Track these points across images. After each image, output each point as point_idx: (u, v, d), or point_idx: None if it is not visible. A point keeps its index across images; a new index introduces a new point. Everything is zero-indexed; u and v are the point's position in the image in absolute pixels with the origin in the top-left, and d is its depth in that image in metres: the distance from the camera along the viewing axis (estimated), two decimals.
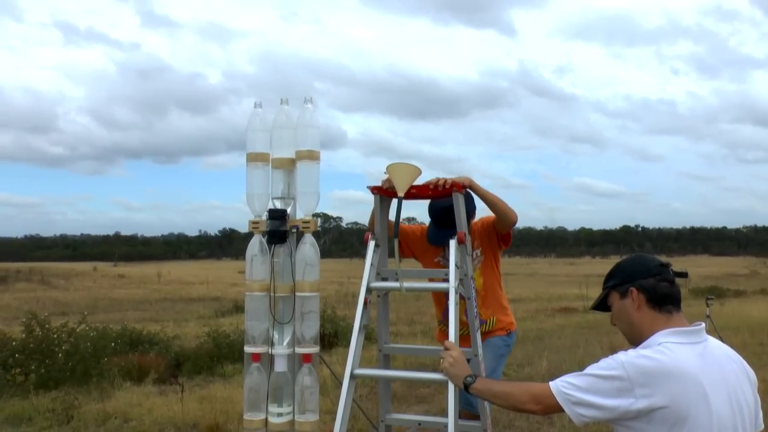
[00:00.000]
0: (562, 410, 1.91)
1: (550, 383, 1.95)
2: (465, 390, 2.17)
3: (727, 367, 1.94)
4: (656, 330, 1.94)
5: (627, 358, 1.86)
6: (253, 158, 2.95)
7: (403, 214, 2.79)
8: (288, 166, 2.92)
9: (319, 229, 2.84)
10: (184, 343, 11.34)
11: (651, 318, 1.96)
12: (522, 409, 2.02)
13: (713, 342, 1.99)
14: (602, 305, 2.13)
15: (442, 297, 3.42)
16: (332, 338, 11.45)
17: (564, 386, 1.91)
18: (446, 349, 2.29)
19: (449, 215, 2.87)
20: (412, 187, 2.76)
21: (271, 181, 2.96)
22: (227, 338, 10.69)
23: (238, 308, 18.21)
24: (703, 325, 1.98)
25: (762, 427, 2.00)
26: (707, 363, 1.88)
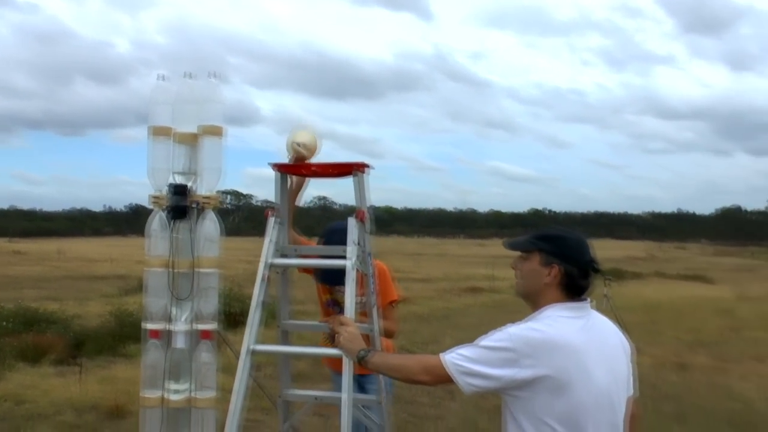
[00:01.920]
0: (452, 381, 1.98)
1: (441, 355, 2.01)
2: (360, 363, 2.21)
3: (607, 339, 2.08)
4: (552, 304, 2.04)
5: (515, 330, 1.97)
6: (156, 132, 2.89)
7: (315, 193, 2.83)
8: (191, 141, 2.88)
9: (228, 206, 2.82)
10: (86, 322, 10.95)
11: (556, 295, 2.05)
12: (415, 381, 2.09)
13: (596, 316, 2.12)
14: (517, 248, 2.16)
15: (323, 292, 3.45)
16: (239, 317, 11.31)
17: (455, 358, 1.98)
18: (342, 324, 2.32)
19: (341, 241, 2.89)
20: (313, 164, 2.80)
21: (173, 156, 2.91)
22: (131, 317, 10.42)
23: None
24: (589, 300, 2.09)
25: (632, 392, 2.16)
26: (589, 335, 2.00)
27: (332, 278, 3.27)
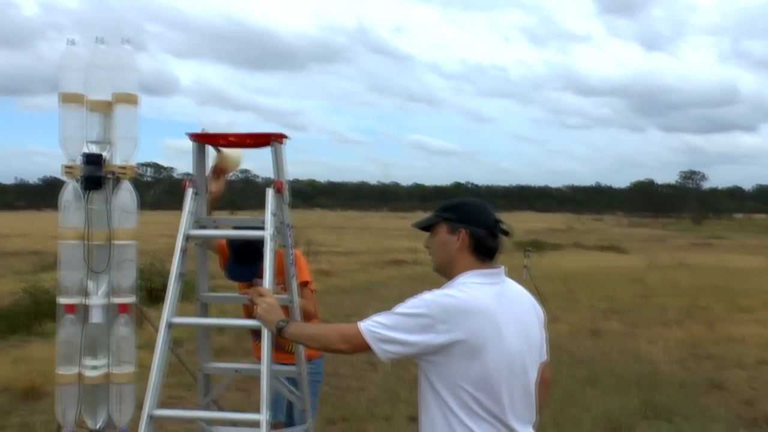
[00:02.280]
0: (369, 348, 2.01)
1: (359, 323, 2.04)
2: (278, 334, 2.22)
3: (520, 305, 2.15)
4: (466, 271, 2.09)
5: (431, 297, 2.01)
6: (67, 99, 2.77)
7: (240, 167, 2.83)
8: (105, 109, 2.78)
9: (148, 179, 2.75)
10: None
11: (467, 261, 2.10)
12: (332, 349, 2.12)
13: (511, 283, 2.18)
14: (426, 227, 2.23)
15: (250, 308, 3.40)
16: (160, 292, 11.09)
17: (372, 325, 2.01)
18: (260, 295, 2.30)
19: (250, 250, 2.89)
20: (230, 134, 2.77)
21: (86, 124, 2.80)
22: (47, 294, 10.06)
23: None
24: (503, 268, 2.15)
25: (545, 357, 2.24)
26: (503, 301, 2.06)
27: (244, 275, 3.24)
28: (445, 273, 2.15)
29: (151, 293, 11.60)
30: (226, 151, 2.96)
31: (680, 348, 8.69)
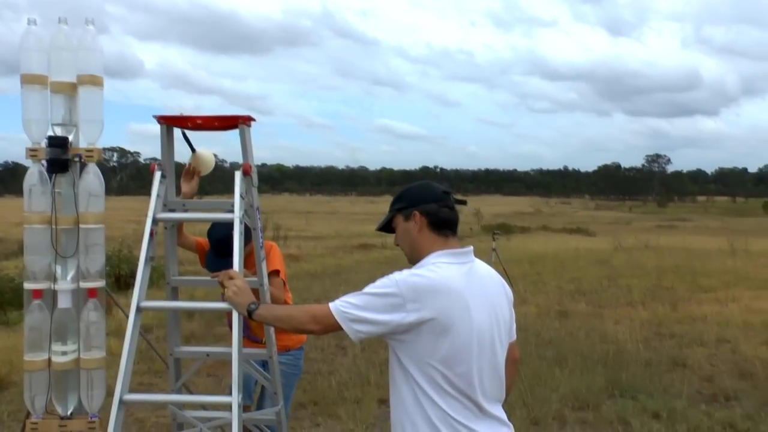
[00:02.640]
0: (340, 328, 2.03)
1: (330, 304, 2.05)
2: (249, 317, 2.22)
3: (489, 285, 2.17)
4: (433, 251, 2.13)
5: (401, 276, 2.04)
6: (29, 80, 2.71)
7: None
8: (69, 90, 2.73)
9: (114, 164, 2.72)
10: None
11: (430, 240, 2.14)
12: (303, 330, 2.15)
13: (479, 263, 2.21)
14: (388, 227, 2.28)
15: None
16: (129, 279, 11.00)
17: (342, 305, 2.03)
18: (230, 278, 2.30)
19: (229, 243, 2.90)
20: (198, 117, 2.76)
21: (50, 107, 2.75)
22: (12, 282, 9.90)
23: None
24: (472, 248, 2.17)
25: (515, 337, 2.28)
26: (472, 280, 2.09)
27: (224, 268, 3.24)
28: (417, 260, 2.18)
29: (119, 280, 11.48)
30: (201, 152, 2.98)
31: (645, 328, 8.89)
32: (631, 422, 5.23)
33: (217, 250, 3.40)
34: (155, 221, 2.66)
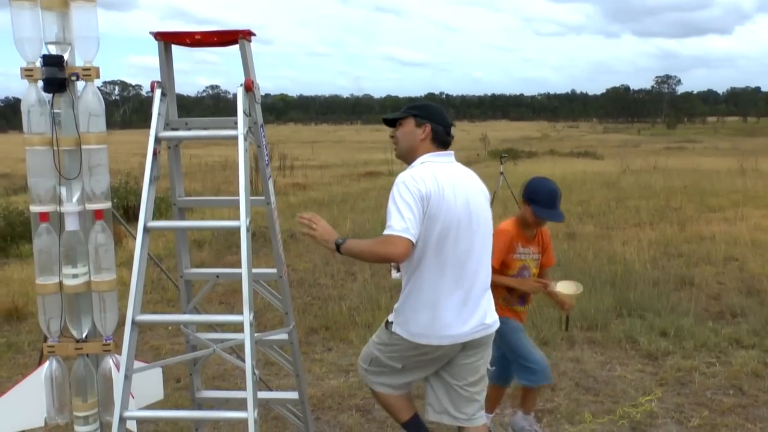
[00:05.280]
0: (412, 244, 2.50)
1: (387, 230, 2.51)
2: (337, 251, 2.61)
3: (468, 180, 2.75)
4: (425, 154, 2.71)
5: (408, 178, 2.58)
6: None
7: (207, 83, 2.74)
8: (60, 6, 2.62)
9: (116, 97, 2.65)
10: None
11: (427, 148, 2.73)
12: (387, 257, 2.54)
13: (460, 166, 2.79)
14: (392, 122, 2.82)
15: (509, 255, 3.47)
16: (137, 210, 11.08)
17: (398, 222, 2.49)
18: (314, 222, 2.68)
19: (555, 197, 3.39)
20: (197, 32, 2.67)
21: (43, 25, 2.65)
22: (21, 216, 9.95)
23: None
24: (453, 153, 2.77)
25: (491, 228, 2.84)
26: (454, 172, 2.70)
27: (553, 216, 3.46)
28: (408, 158, 2.74)
29: (127, 211, 11.55)
30: (564, 289, 3.58)
31: (653, 248, 8.90)
32: (639, 340, 5.29)
33: (550, 201, 3.41)
34: (158, 140, 2.61)
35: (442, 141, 2.72)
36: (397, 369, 2.88)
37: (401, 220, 2.47)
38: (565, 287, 3.62)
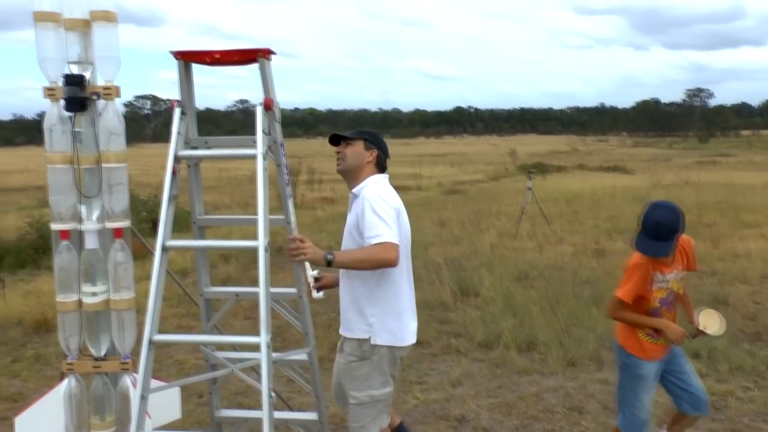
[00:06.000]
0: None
1: (380, 239, 2.64)
2: (328, 265, 2.63)
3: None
4: (369, 176, 2.94)
5: (379, 195, 2.80)
6: (41, 18, 2.64)
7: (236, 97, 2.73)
8: (82, 27, 2.65)
9: (147, 112, 2.65)
10: (4, 235, 10.53)
11: (371, 171, 2.97)
12: (383, 263, 2.65)
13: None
14: (340, 139, 3.01)
15: (646, 288, 3.18)
16: None
17: (387, 231, 2.66)
18: (300, 241, 2.67)
19: (667, 228, 3.02)
20: (216, 51, 2.66)
21: (66, 45, 2.67)
22: None
23: None
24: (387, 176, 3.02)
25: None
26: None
27: (659, 251, 3.09)
28: (351, 176, 2.96)
29: (155, 225, 11.64)
30: (710, 326, 3.43)
31: None
32: None
33: (653, 232, 3.06)
34: (177, 159, 2.60)
35: (382, 166, 3.03)
36: (389, 387, 2.92)
37: (389, 229, 2.67)
38: (708, 321, 3.44)
